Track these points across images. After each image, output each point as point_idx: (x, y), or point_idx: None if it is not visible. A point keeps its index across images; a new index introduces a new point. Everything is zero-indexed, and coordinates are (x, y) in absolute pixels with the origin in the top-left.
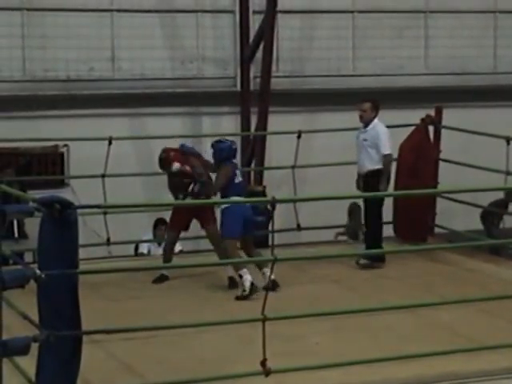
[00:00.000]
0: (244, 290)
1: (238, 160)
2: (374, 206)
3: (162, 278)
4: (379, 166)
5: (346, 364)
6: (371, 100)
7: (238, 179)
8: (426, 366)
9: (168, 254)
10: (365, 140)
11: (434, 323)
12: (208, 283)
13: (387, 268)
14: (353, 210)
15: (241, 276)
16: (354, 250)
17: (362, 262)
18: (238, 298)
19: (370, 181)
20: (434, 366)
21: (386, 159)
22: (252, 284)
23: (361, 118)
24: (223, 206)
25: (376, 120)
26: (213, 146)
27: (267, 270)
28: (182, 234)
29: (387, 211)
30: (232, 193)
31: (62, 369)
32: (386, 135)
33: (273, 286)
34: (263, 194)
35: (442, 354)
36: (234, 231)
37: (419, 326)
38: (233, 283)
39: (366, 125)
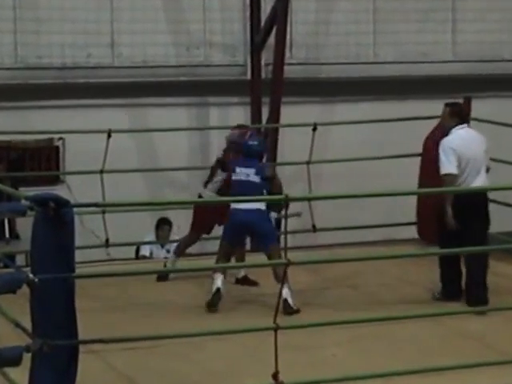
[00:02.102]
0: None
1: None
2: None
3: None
4: None
5: (365, 377)
6: (450, 104)
7: (237, 176)
8: (452, 380)
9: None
10: None
11: (460, 333)
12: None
13: (410, 272)
14: None
15: (213, 278)
16: (375, 252)
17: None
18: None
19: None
20: (460, 380)
21: (444, 180)
22: (218, 290)
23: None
24: None
25: (456, 129)
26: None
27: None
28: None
29: (411, 211)
30: (232, 191)
31: (56, 381)
32: (447, 151)
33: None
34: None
35: (470, 366)
36: (224, 234)
37: (445, 336)
38: (246, 281)
39: (445, 134)
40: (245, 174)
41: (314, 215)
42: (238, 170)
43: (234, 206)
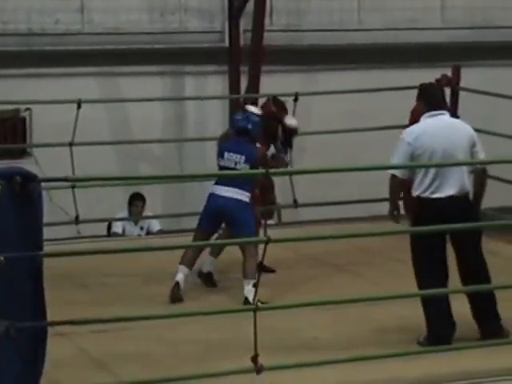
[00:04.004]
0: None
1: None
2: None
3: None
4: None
5: (348, 361)
6: (420, 86)
7: (224, 163)
8: (438, 363)
9: None
10: None
11: None
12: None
13: (401, 250)
14: None
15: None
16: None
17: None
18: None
19: None
20: (447, 363)
21: (389, 183)
22: (177, 283)
23: None
24: None
25: (424, 117)
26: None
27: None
28: (161, 212)
29: None
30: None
31: (24, 365)
32: (399, 146)
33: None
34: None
35: (456, 349)
36: (200, 220)
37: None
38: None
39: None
40: (233, 161)
41: (296, 190)
42: (226, 155)
43: (214, 190)
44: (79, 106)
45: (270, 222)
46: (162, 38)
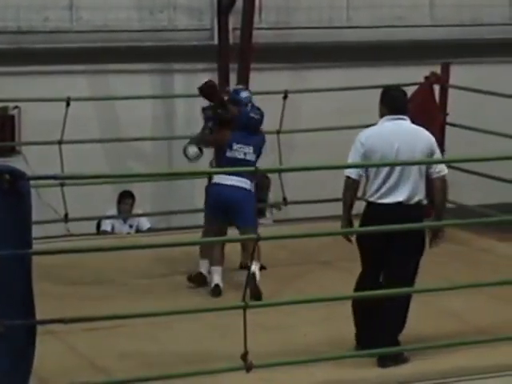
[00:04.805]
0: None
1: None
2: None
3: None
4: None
5: (339, 358)
6: (384, 88)
7: (233, 154)
8: (430, 360)
9: None
10: None
11: (439, 311)
12: (182, 266)
13: None
14: None
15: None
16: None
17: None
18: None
19: None
20: (439, 360)
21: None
22: (216, 286)
23: None
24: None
25: (382, 120)
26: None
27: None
28: (151, 209)
29: None
30: (220, 167)
31: (13, 364)
32: (354, 146)
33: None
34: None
35: (449, 346)
36: (207, 214)
37: (423, 314)
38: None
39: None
40: (242, 152)
41: (285, 188)
42: (235, 146)
43: (218, 180)
44: (68, 104)
45: (266, 220)
46: (152, 35)
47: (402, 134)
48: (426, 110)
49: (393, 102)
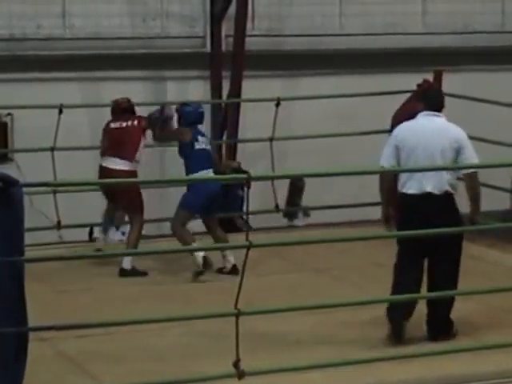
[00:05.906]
0: (198, 267)
1: (205, 127)
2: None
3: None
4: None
5: (332, 365)
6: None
7: (200, 146)
8: (425, 367)
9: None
10: None
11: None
12: (172, 272)
13: (379, 254)
14: None
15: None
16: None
17: None
18: (194, 276)
19: None
20: (433, 367)
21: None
22: (204, 258)
23: None
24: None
25: (419, 116)
26: (177, 110)
27: (229, 253)
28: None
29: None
30: (194, 161)
31: (5, 371)
32: (389, 139)
33: (232, 270)
34: (240, 170)
35: (443, 353)
36: (191, 205)
37: (416, 321)
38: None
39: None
40: (204, 143)
41: (278, 195)
42: (200, 138)
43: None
44: (61, 111)
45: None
46: (144, 43)
47: (432, 129)
48: None
49: (428, 100)
